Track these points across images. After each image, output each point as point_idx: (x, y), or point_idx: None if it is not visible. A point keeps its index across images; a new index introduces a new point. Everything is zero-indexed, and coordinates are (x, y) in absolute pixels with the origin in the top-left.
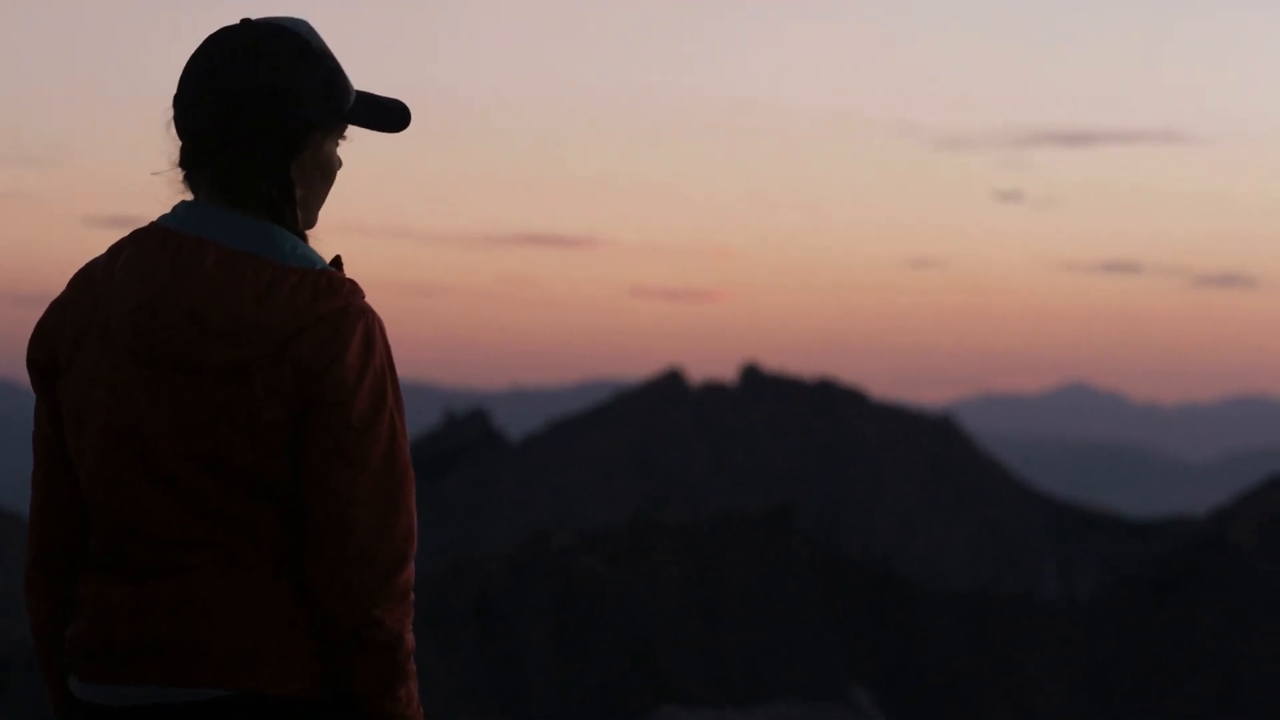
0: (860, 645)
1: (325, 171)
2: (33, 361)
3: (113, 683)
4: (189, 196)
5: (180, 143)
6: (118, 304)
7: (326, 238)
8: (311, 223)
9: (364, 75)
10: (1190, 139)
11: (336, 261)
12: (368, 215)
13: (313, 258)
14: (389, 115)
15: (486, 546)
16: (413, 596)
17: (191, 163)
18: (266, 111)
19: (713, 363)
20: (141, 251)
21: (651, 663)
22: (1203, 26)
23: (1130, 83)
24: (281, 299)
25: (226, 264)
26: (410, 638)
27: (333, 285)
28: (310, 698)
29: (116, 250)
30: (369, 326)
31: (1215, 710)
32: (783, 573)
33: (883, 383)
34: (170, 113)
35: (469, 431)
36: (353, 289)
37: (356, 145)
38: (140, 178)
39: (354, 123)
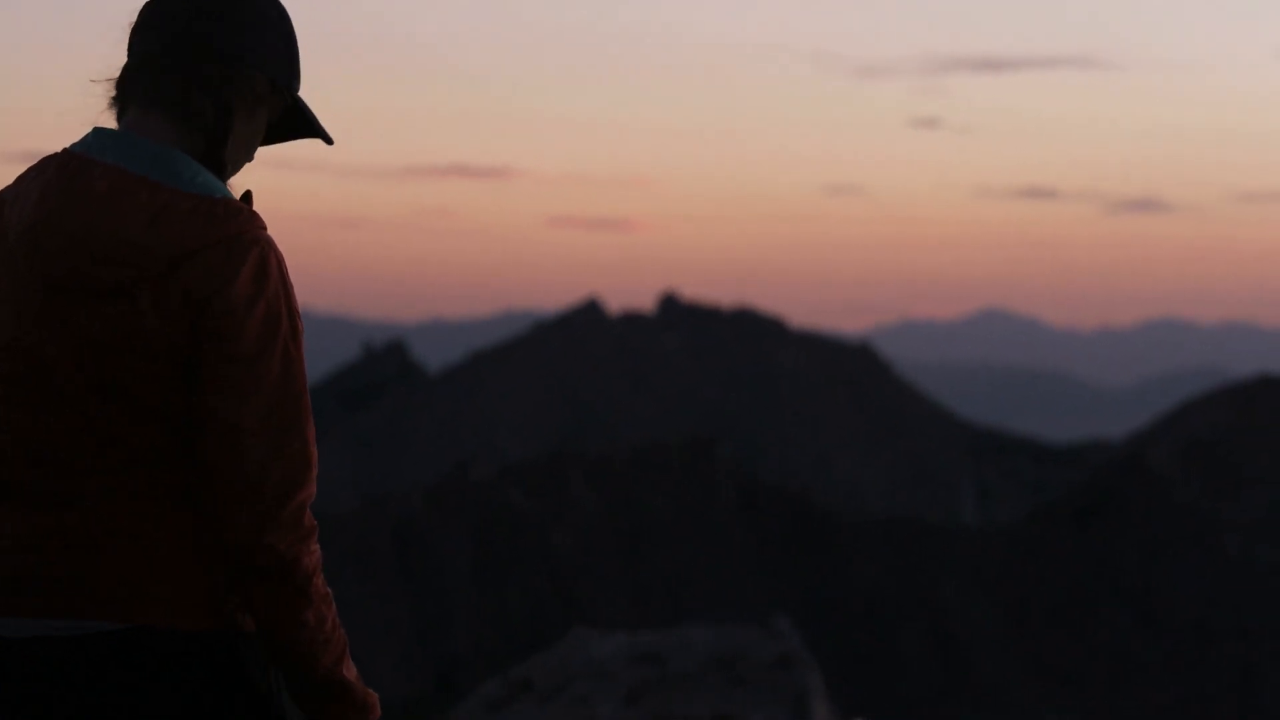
0: (781, 572)
1: (256, 128)
2: None
3: (9, 614)
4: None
5: (124, 67)
6: (13, 229)
7: (246, 172)
8: (229, 173)
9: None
10: (1106, 65)
11: (247, 197)
12: (287, 149)
13: (214, 186)
14: (305, 125)
15: (406, 479)
16: (312, 521)
17: (130, 83)
18: (220, 36)
19: (631, 292)
20: (41, 176)
21: (572, 592)
22: None
23: (1046, 9)
24: (172, 224)
25: (119, 187)
26: (309, 561)
27: (228, 212)
28: (205, 631)
29: (23, 176)
30: (263, 254)
31: (1133, 631)
32: (703, 501)
33: (802, 311)
34: (103, 39)
35: (388, 364)
36: (249, 217)
37: None
38: (59, 115)
39: (290, 96)
